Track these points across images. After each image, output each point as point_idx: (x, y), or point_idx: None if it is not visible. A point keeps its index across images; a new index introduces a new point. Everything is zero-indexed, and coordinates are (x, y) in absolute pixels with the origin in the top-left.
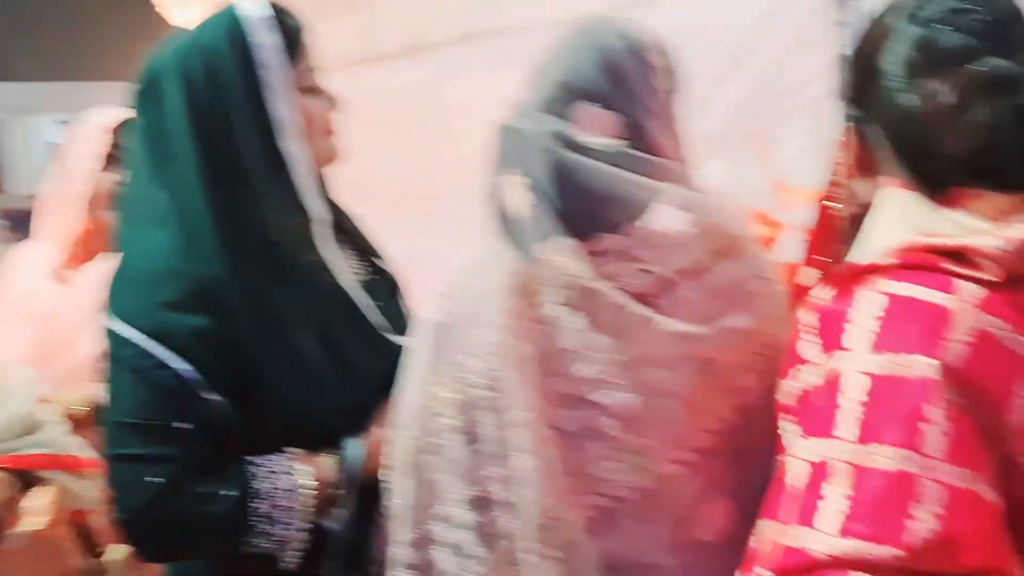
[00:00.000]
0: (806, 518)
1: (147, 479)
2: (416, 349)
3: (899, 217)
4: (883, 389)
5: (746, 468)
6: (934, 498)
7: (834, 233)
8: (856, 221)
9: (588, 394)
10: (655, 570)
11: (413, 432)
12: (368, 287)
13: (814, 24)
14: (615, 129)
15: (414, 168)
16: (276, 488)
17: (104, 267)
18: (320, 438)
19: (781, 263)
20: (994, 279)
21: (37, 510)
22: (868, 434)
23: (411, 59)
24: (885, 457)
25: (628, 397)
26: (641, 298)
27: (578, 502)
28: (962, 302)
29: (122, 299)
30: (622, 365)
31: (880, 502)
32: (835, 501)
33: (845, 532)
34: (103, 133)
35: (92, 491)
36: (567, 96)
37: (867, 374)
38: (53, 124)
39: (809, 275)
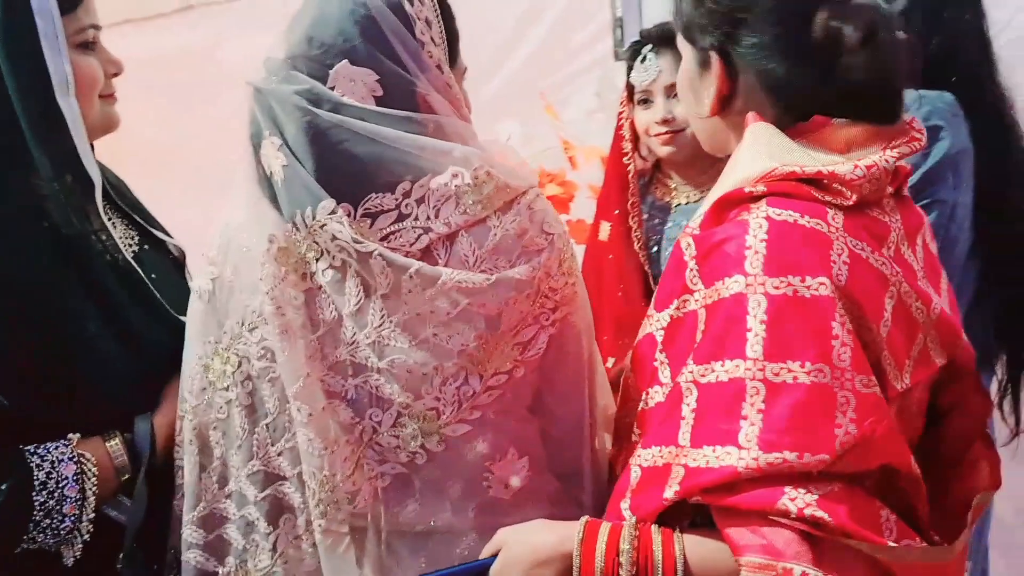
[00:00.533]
0: (719, 437)
1: None
2: (190, 318)
3: (764, 150)
4: (784, 309)
5: (544, 425)
6: (849, 405)
7: (623, 188)
8: (643, 175)
9: (367, 360)
10: (452, 533)
11: (194, 404)
12: (144, 258)
13: None
14: (374, 87)
15: (188, 134)
16: (58, 477)
17: None
18: (108, 420)
19: (575, 220)
20: (849, 203)
21: None
22: (777, 352)
23: (184, 18)
24: (801, 372)
25: (409, 359)
26: (419, 256)
27: (367, 471)
28: (833, 227)
29: None
30: (401, 326)
31: (801, 414)
32: (750, 417)
33: (768, 446)
34: None
35: None
36: (320, 54)
37: (765, 295)
38: None
39: (605, 230)
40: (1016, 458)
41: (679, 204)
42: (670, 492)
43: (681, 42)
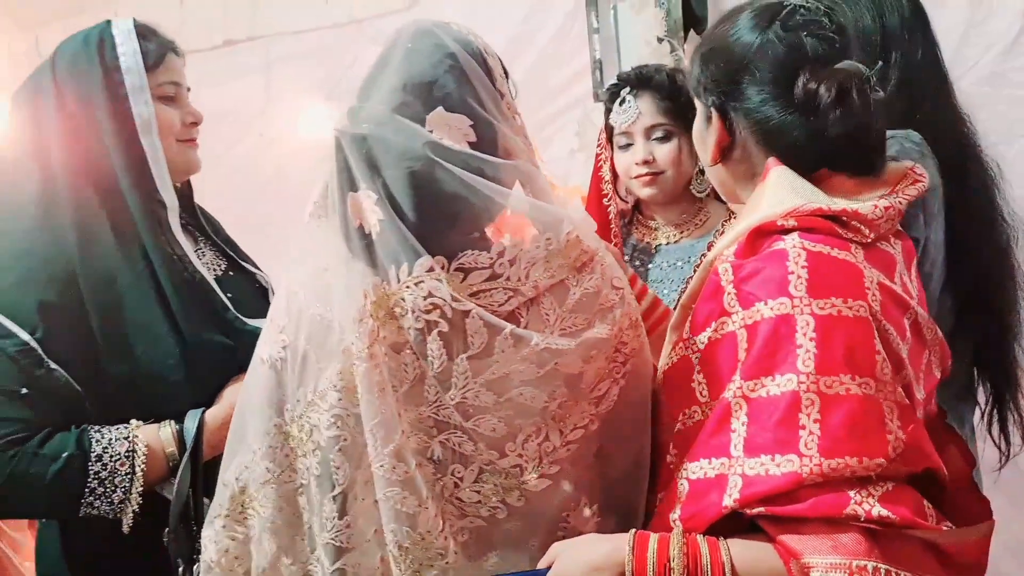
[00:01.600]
0: (776, 446)
1: None
2: (257, 385)
3: (788, 188)
4: (831, 327)
5: (603, 468)
6: (894, 414)
7: (605, 230)
8: (623, 216)
9: (451, 418)
10: None
11: (278, 472)
12: (226, 281)
13: (573, 27)
14: (468, 132)
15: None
16: (112, 453)
17: None
18: (165, 412)
19: None
20: (868, 240)
21: None
22: (828, 366)
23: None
24: (852, 384)
25: (494, 418)
26: (507, 317)
27: (450, 527)
28: (859, 259)
29: None
30: (487, 386)
31: (856, 422)
32: (808, 427)
33: (829, 452)
34: None
35: None
36: (417, 101)
37: (812, 315)
38: None
39: None
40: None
41: (660, 245)
42: (729, 500)
43: (694, 98)
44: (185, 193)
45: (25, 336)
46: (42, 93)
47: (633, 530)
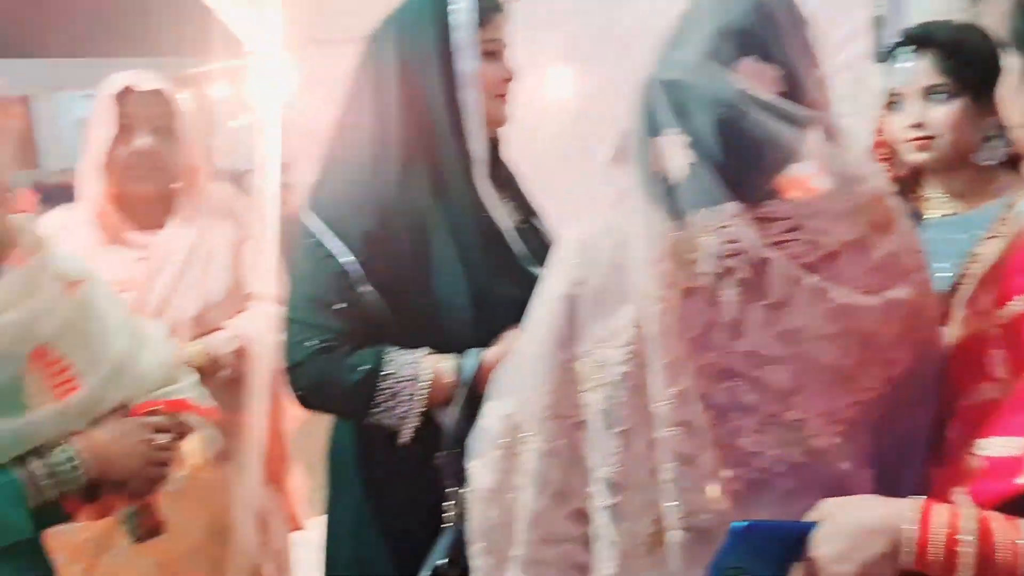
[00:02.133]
0: None
1: (306, 342)
2: (544, 321)
3: None
4: None
5: (886, 437)
6: None
7: None
8: (904, 180)
9: (741, 367)
10: None
11: (551, 402)
12: (523, 233)
13: None
14: (776, 83)
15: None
16: (401, 374)
17: (177, 234)
18: (450, 345)
19: None
20: None
21: (191, 455)
22: None
23: None
24: None
25: (783, 370)
26: (807, 269)
27: (725, 475)
28: None
29: (319, 196)
30: (779, 337)
31: None
32: None
33: None
34: (110, 101)
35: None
36: (728, 48)
37: None
38: (83, 99)
39: None
40: None
41: (933, 216)
42: None
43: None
44: (493, 146)
45: (351, 258)
46: (386, 38)
47: (918, 497)
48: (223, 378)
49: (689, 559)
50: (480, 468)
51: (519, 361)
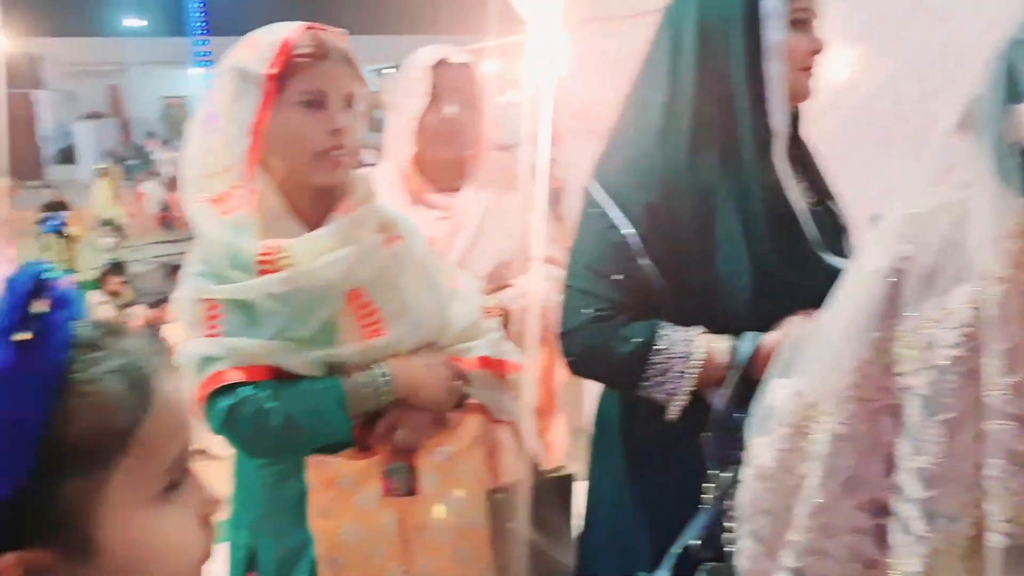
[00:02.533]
0: None
1: (582, 309)
2: (861, 297)
3: None
4: None
5: None
6: None
7: None
8: None
9: None
10: None
11: (854, 379)
12: (816, 215)
13: None
14: None
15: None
16: (673, 350)
17: (473, 196)
18: (726, 326)
19: None
20: None
21: (463, 435)
22: None
23: None
24: None
25: None
26: None
27: None
28: None
29: (605, 166)
30: None
31: None
32: None
33: None
34: (426, 72)
35: (512, 402)
36: None
37: None
38: (371, 74)
39: None
40: None
41: None
42: None
43: None
44: (792, 121)
45: (630, 230)
46: (686, 7)
47: None
48: (512, 332)
49: (1012, 572)
50: (762, 447)
51: (819, 338)
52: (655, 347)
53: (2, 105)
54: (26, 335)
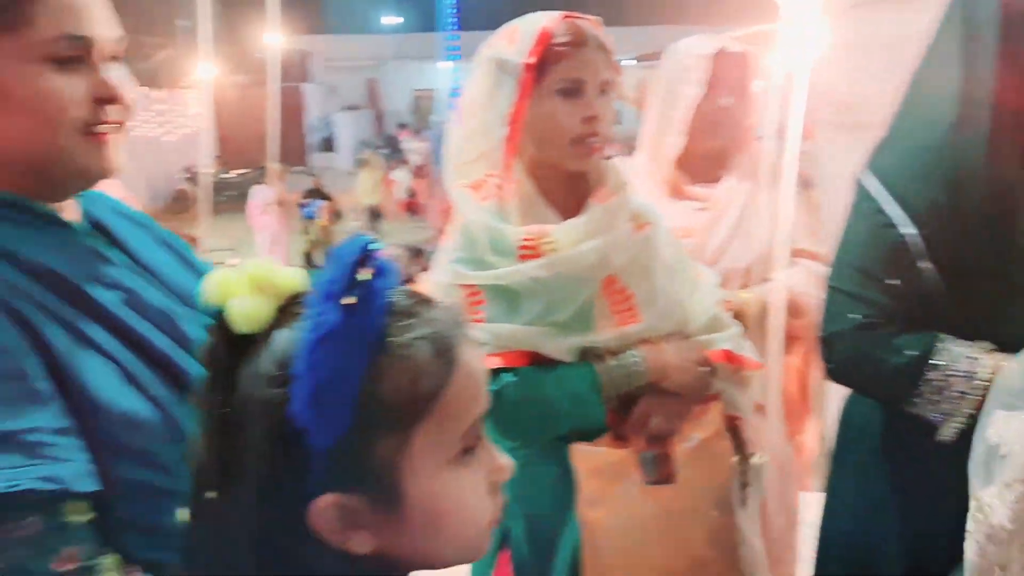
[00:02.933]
0: None
1: (849, 314)
2: None
3: None
4: None
5: None
6: None
7: None
8: None
9: None
10: None
11: None
12: None
13: None
14: None
15: None
16: (955, 367)
17: (735, 188)
18: (1016, 342)
19: None
20: None
21: (710, 417)
22: None
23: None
24: None
25: None
26: None
27: None
28: None
29: (882, 158)
30: None
31: None
32: None
33: None
34: (705, 61)
35: (747, 399)
36: None
37: None
38: None
39: None
40: None
41: None
42: None
43: None
44: None
45: (911, 230)
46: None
47: None
48: (770, 327)
49: None
50: (995, 502)
51: None
52: (932, 362)
53: (276, 97)
54: (352, 299)
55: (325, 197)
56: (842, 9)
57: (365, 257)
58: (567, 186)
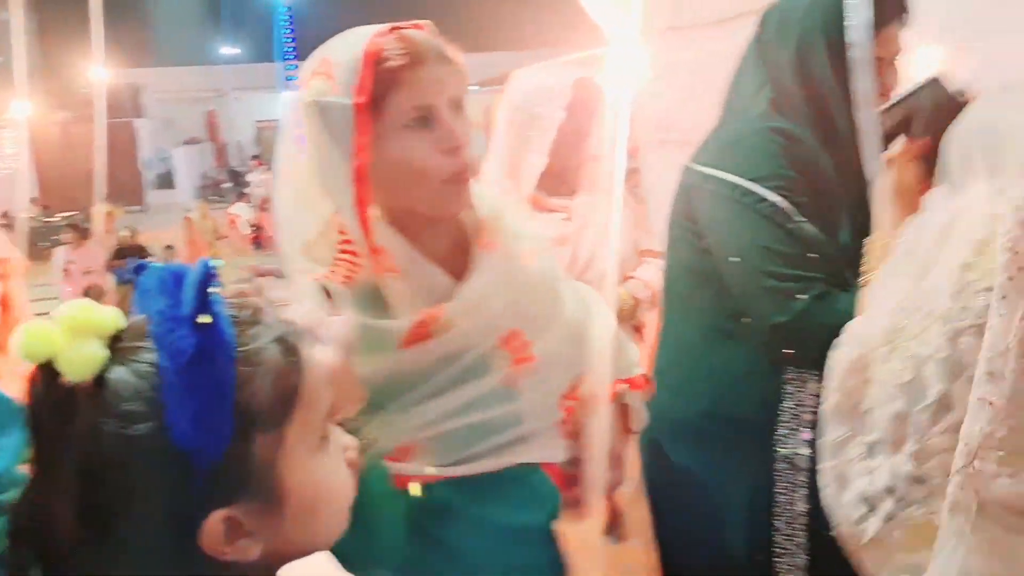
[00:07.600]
0: None
1: (797, 295)
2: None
3: None
4: None
5: None
6: None
7: None
8: None
9: None
10: None
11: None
12: None
13: None
14: None
15: None
16: None
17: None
18: None
19: None
20: None
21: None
22: None
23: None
24: None
25: None
26: None
27: None
28: None
29: (711, 153)
30: None
31: None
32: None
33: None
34: (567, 88)
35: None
36: None
37: None
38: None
39: None
40: None
41: None
42: None
43: None
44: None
45: (775, 198)
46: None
47: None
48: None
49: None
50: None
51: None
52: None
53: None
54: (208, 318)
55: (140, 252)
56: (659, 31)
57: (209, 277)
58: (443, 230)
